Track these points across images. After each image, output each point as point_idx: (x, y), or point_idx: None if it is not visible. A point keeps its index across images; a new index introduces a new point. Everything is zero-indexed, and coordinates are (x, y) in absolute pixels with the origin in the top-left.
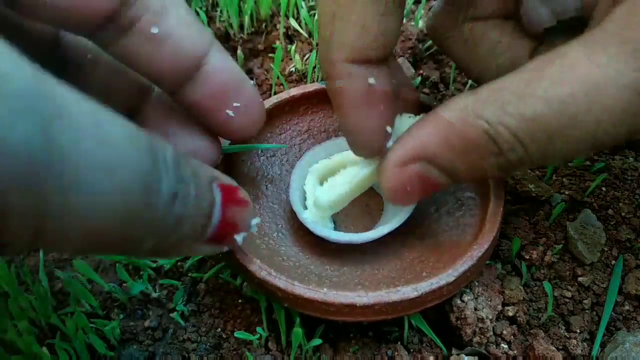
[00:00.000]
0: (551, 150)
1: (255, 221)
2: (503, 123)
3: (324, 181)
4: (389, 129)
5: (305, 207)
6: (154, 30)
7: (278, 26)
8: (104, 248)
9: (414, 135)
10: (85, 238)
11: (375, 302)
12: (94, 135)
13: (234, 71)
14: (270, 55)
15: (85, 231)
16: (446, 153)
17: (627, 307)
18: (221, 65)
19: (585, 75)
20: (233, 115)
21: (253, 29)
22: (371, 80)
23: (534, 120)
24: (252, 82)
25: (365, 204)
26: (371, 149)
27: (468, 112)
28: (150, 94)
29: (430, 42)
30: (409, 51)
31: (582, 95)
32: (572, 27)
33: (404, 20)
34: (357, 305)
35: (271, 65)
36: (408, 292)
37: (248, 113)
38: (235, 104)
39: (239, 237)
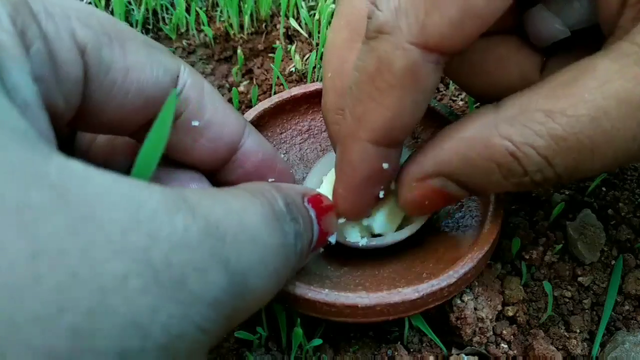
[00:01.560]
0: (582, 167)
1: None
2: (531, 144)
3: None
4: (381, 194)
5: None
6: (195, 123)
7: (278, 26)
8: None
9: (434, 150)
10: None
11: (377, 303)
12: (250, 241)
13: (267, 150)
14: (270, 55)
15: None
16: (466, 171)
17: (627, 307)
18: (255, 147)
19: (619, 90)
20: None
21: (253, 29)
22: (385, 166)
23: (565, 140)
24: (283, 157)
25: None
26: (358, 217)
27: (492, 131)
28: None
29: None
30: None
31: (615, 110)
32: (583, 38)
33: None
34: (359, 306)
35: (271, 65)
36: (409, 293)
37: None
38: (270, 180)
39: (332, 238)
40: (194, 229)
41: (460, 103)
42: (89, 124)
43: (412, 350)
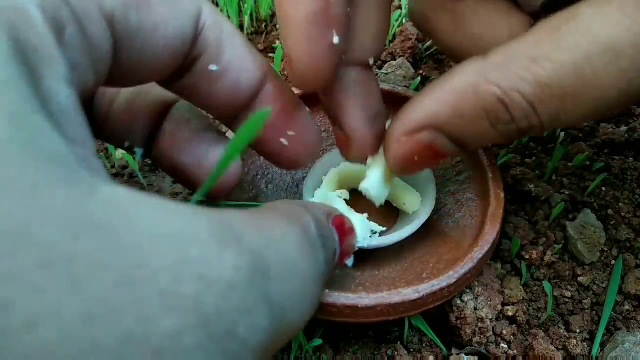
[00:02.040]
0: (563, 115)
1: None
2: (517, 89)
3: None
4: (336, 39)
5: None
6: (213, 67)
7: (278, 26)
8: None
9: (422, 103)
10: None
11: (377, 303)
12: (290, 273)
13: (289, 99)
14: (271, 55)
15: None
16: (456, 121)
17: (627, 307)
18: (274, 93)
19: (601, 36)
20: (287, 144)
21: (253, 29)
22: None
23: (549, 86)
24: (307, 109)
25: (367, 204)
26: (314, 80)
27: (479, 78)
28: (172, 108)
29: (430, 42)
30: (409, 51)
31: (598, 56)
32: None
33: (404, 21)
34: (359, 306)
35: (271, 65)
36: (409, 293)
37: (302, 142)
38: (289, 133)
39: (349, 262)
40: (243, 267)
41: None
42: (116, 82)
43: (412, 350)
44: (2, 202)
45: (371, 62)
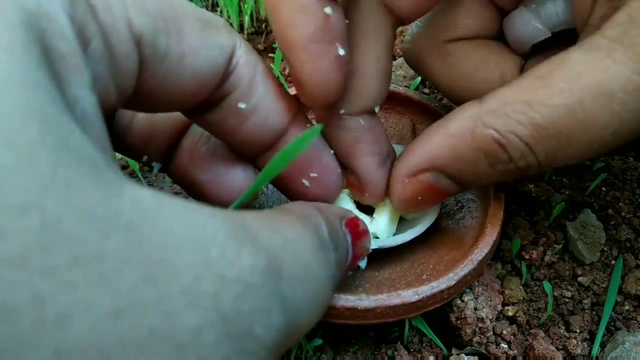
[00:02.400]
0: (560, 154)
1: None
2: (514, 132)
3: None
4: (342, 51)
5: None
6: (242, 105)
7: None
8: None
9: (423, 146)
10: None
11: (377, 305)
12: (303, 274)
13: (314, 142)
14: (271, 55)
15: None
16: (455, 163)
17: (627, 307)
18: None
19: (592, 82)
20: (309, 185)
21: (253, 29)
22: (328, 10)
23: (545, 128)
24: (331, 152)
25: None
26: (327, 95)
27: (477, 122)
28: (191, 125)
29: None
30: None
31: (590, 101)
32: (560, 39)
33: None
34: (359, 308)
35: (271, 65)
36: (409, 295)
37: (324, 184)
38: (312, 174)
39: (362, 263)
40: (259, 266)
41: None
42: (139, 106)
43: (412, 350)
44: (37, 198)
45: (377, 110)
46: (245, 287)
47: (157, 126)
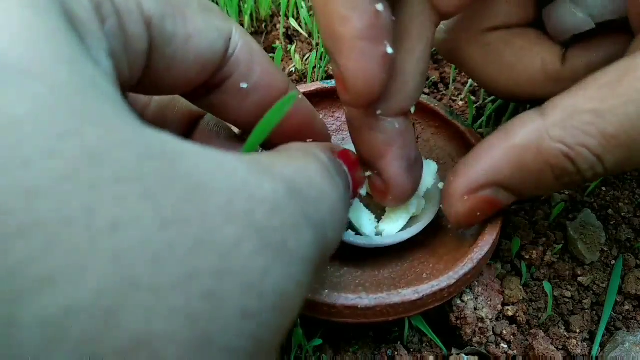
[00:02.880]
0: (630, 161)
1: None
2: (583, 144)
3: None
4: (390, 50)
5: None
6: (244, 85)
7: (278, 26)
8: None
9: (483, 161)
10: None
11: (377, 304)
12: (320, 196)
13: (307, 110)
14: (271, 55)
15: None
16: (519, 177)
17: (627, 307)
18: (297, 107)
19: None
20: None
21: (253, 29)
22: (379, 7)
23: (616, 138)
24: (320, 117)
25: (366, 203)
26: (370, 94)
27: (543, 135)
28: (201, 119)
29: None
30: None
31: None
32: (601, 26)
33: None
34: (359, 307)
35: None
36: (409, 294)
37: None
38: (308, 140)
39: (363, 191)
40: (280, 190)
41: (461, 103)
42: (147, 89)
43: (412, 350)
44: (75, 126)
45: (412, 110)
46: (273, 206)
47: (167, 121)
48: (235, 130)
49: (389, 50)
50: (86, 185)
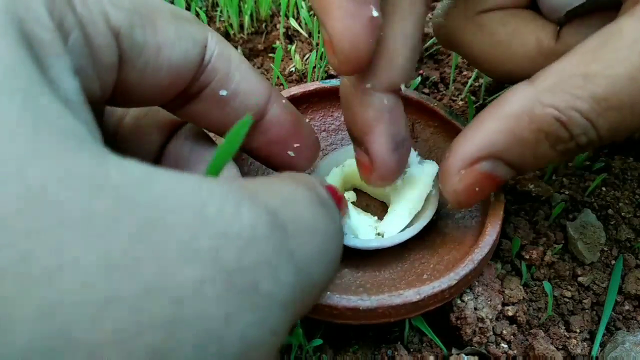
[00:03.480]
0: (622, 126)
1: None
2: (575, 107)
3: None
4: (375, 13)
5: None
6: (223, 93)
7: (278, 26)
8: None
9: (477, 133)
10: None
11: (379, 305)
12: (308, 229)
13: (293, 115)
14: (270, 55)
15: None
16: (515, 147)
17: (627, 307)
18: (281, 112)
19: None
20: (294, 155)
21: (253, 29)
22: None
23: (606, 99)
24: (306, 120)
25: (366, 204)
26: (358, 57)
27: (534, 102)
28: (180, 127)
29: (430, 42)
30: None
31: None
32: (593, 7)
33: None
34: (361, 308)
35: (271, 65)
36: (411, 295)
37: (307, 150)
38: (295, 145)
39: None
40: (261, 222)
41: (460, 103)
42: (120, 101)
43: (412, 350)
44: (16, 168)
45: (403, 88)
46: (247, 242)
47: (145, 129)
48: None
49: (375, 13)
50: (23, 233)
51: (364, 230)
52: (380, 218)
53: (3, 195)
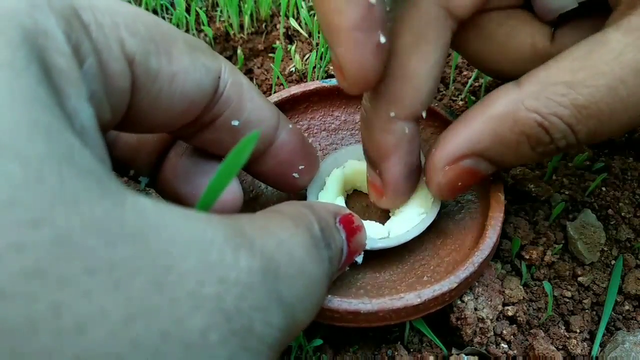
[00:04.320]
0: (600, 131)
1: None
2: (556, 114)
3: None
4: (383, 39)
5: None
6: (235, 123)
7: (278, 26)
8: None
9: (462, 132)
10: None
11: (379, 309)
12: (298, 273)
13: (299, 139)
14: (270, 55)
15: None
16: (498, 147)
17: (627, 307)
18: (289, 138)
19: (632, 61)
20: (298, 176)
21: (253, 29)
22: (372, 0)
23: (586, 108)
24: (310, 141)
25: (365, 204)
26: (366, 81)
27: (518, 105)
28: (174, 144)
29: None
30: None
31: (631, 79)
32: (588, 9)
33: None
34: (361, 312)
35: (271, 65)
36: (411, 298)
37: (309, 170)
38: (300, 167)
39: (359, 259)
40: (256, 268)
41: (460, 103)
42: (132, 127)
43: (412, 350)
44: (47, 213)
45: (424, 115)
46: (244, 288)
47: (143, 141)
48: None
49: (382, 39)
50: (54, 282)
51: (372, 233)
52: (380, 218)
53: (36, 244)
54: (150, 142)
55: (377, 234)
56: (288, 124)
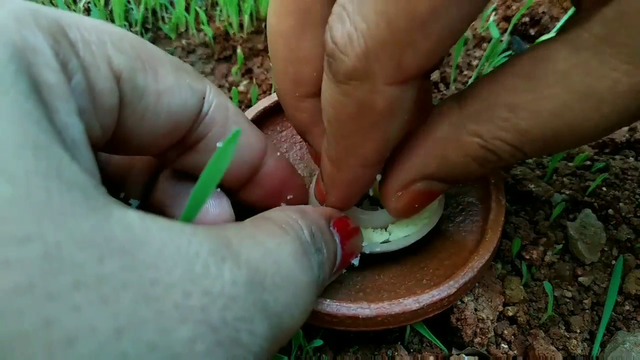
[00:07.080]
0: (547, 151)
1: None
2: (498, 137)
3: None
4: (371, 192)
5: None
6: (219, 145)
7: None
8: None
9: (409, 158)
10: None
11: (378, 314)
12: (285, 281)
13: (286, 168)
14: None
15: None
16: (445, 168)
17: (627, 307)
18: (276, 166)
19: (579, 85)
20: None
21: (253, 28)
22: (378, 178)
23: (530, 132)
24: (299, 172)
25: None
26: (348, 207)
27: (460, 129)
28: (164, 166)
29: None
30: None
31: (578, 104)
32: None
33: None
34: (360, 317)
35: (271, 64)
36: (410, 303)
37: (297, 201)
38: (289, 197)
39: (355, 261)
40: (240, 280)
41: None
42: (118, 148)
43: (412, 350)
44: (36, 228)
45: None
46: (228, 299)
47: (134, 164)
48: None
49: (378, 177)
50: (44, 297)
51: (371, 238)
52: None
53: (25, 260)
54: (139, 165)
55: (378, 238)
56: (275, 151)
